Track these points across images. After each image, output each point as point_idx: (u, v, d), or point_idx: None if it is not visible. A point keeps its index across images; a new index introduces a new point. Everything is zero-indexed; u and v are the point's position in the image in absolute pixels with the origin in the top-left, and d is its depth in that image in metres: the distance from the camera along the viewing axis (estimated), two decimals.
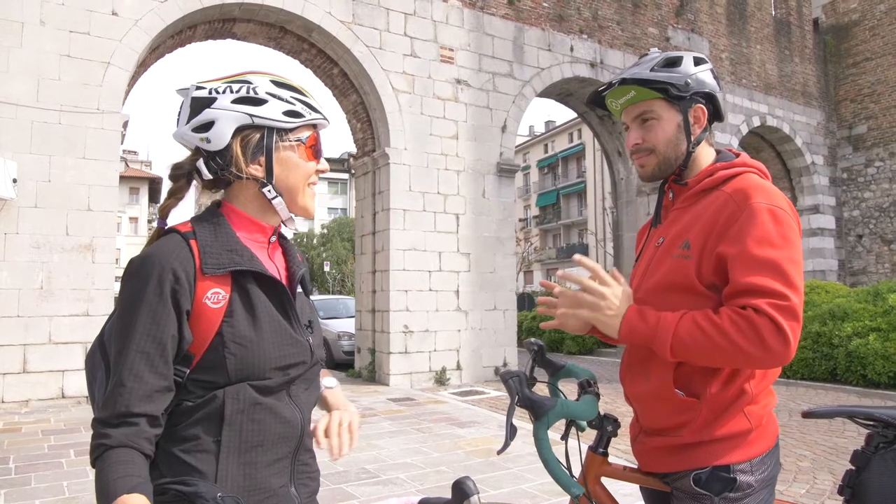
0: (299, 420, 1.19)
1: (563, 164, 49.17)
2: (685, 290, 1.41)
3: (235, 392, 1.11)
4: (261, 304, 1.15)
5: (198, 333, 1.10)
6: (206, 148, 1.17)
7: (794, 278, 1.31)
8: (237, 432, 1.11)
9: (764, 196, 1.38)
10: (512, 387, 1.36)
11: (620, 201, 14.22)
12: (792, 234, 1.34)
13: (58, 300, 7.49)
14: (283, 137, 1.20)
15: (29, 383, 7.27)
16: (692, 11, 14.09)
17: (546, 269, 49.63)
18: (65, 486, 4.39)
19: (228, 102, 1.16)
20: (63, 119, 7.67)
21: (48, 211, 7.54)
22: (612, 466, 1.51)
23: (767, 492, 1.40)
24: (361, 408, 7.69)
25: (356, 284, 11.07)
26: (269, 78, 1.21)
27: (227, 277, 1.13)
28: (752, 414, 1.40)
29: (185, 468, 1.08)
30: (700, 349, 1.31)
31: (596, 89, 1.62)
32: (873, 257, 16.56)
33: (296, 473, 1.20)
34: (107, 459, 0.99)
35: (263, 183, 1.19)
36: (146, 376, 1.04)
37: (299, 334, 1.20)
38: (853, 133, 17.04)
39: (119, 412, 1.02)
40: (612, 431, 1.48)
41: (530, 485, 4.47)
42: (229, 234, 1.17)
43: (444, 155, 10.38)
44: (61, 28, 7.74)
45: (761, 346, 1.27)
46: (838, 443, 6.02)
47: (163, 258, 1.09)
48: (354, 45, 9.73)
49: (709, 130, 1.56)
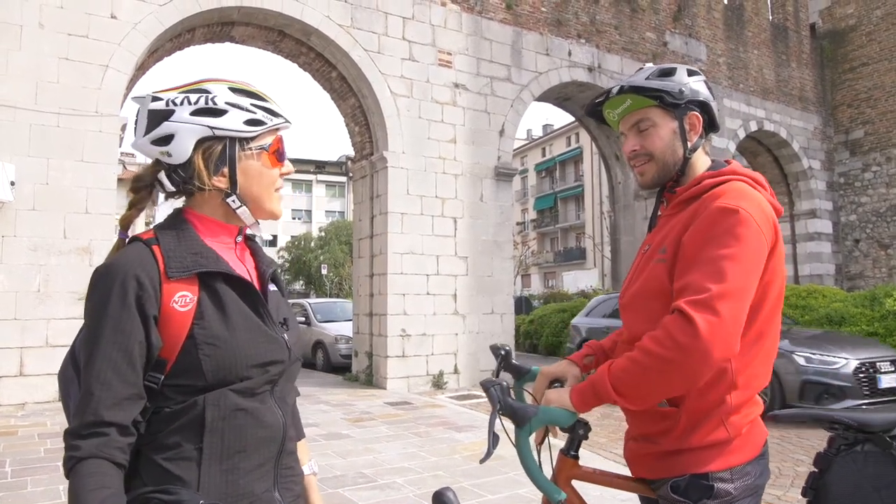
0: (281, 423, 1.18)
1: (561, 167, 49.26)
2: (660, 294, 1.43)
3: (216, 398, 1.09)
4: (231, 304, 1.14)
5: (168, 337, 1.08)
6: (167, 161, 1.15)
7: (726, 272, 1.28)
8: (219, 439, 1.09)
9: (731, 198, 1.38)
10: (493, 395, 1.36)
11: (618, 205, 14.25)
12: (745, 232, 1.32)
13: (55, 303, 7.48)
14: (244, 147, 1.18)
15: (25, 386, 7.25)
16: (690, 16, 14.13)
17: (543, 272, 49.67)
18: (61, 490, 4.38)
19: (187, 115, 1.13)
20: (61, 122, 7.66)
21: (46, 214, 7.53)
22: (582, 469, 1.52)
23: (750, 500, 1.39)
24: (359, 412, 7.68)
25: (354, 288, 11.07)
26: (226, 85, 1.19)
27: (193, 280, 1.12)
28: (732, 424, 1.39)
29: (167, 476, 1.07)
30: (636, 379, 1.30)
31: (593, 100, 1.64)
32: (870, 262, 16.60)
33: (279, 478, 1.18)
34: (78, 472, 0.98)
35: (228, 193, 1.18)
36: (114, 384, 1.03)
37: (274, 331, 1.18)
38: (850, 138, 17.09)
39: (88, 421, 1.01)
40: (584, 434, 1.48)
41: (527, 489, 4.47)
42: (193, 238, 1.16)
43: (442, 159, 10.40)
44: (60, 31, 7.74)
45: (674, 346, 1.25)
46: None
47: (125, 266, 1.08)
48: (353, 49, 9.75)
49: (705, 139, 1.58)
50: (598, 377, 1.36)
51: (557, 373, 1.66)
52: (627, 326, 1.56)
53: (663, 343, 1.27)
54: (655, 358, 1.28)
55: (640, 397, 1.34)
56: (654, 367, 1.28)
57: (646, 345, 1.30)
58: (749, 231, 1.33)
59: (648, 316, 1.45)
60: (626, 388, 1.32)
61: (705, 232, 1.35)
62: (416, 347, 9.85)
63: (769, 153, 16.43)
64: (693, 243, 1.36)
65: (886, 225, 16.31)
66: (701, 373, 1.28)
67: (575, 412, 1.39)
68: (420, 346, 9.88)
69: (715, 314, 1.25)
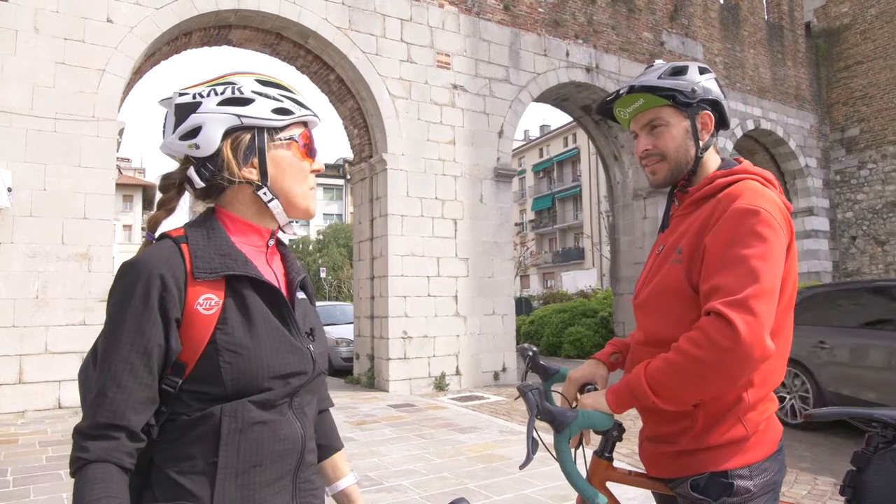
0: (300, 436, 1.13)
1: (559, 168, 49.30)
2: (677, 295, 1.43)
3: (233, 410, 1.05)
4: (257, 311, 1.10)
5: (190, 341, 1.05)
6: (195, 155, 1.13)
7: (758, 273, 1.29)
8: (234, 452, 1.05)
9: (748, 198, 1.38)
10: (531, 400, 1.34)
11: (617, 205, 14.24)
12: (768, 232, 1.33)
13: (53, 310, 7.43)
14: (274, 137, 1.15)
15: (25, 394, 7.20)
16: (686, 16, 14.15)
17: (542, 273, 49.68)
18: (64, 497, 4.34)
19: (214, 105, 1.11)
20: (58, 127, 7.62)
21: (43, 220, 7.48)
22: (617, 471, 1.52)
23: (769, 496, 1.40)
24: (361, 414, 7.65)
25: (354, 290, 11.04)
26: (253, 77, 1.17)
27: (220, 283, 1.08)
28: (750, 421, 1.40)
29: (180, 492, 1.03)
30: (674, 380, 1.30)
31: (604, 99, 1.63)
32: (867, 258, 16.63)
33: (298, 492, 1.14)
34: (85, 475, 0.96)
35: (258, 186, 1.14)
36: (129, 387, 1.00)
37: (299, 342, 1.14)
38: (846, 136, 17.13)
39: (100, 423, 0.98)
40: (618, 436, 1.49)
41: (533, 489, 4.45)
42: (223, 239, 1.12)
43: (442, 160, 10.38)
44: (56, 35, 7.70)
45: (713, 348, 1.25)
46: (838, 443, 6.02)
47: (151, 264, 1.05)
48: (351, 51, 9.73)
49: (716, 137, 1.58)
50: (635, 378, 1.36)
51: (587, 376, 1.66)
52: (642, 327, 1.56)
53: (702, 345, 1.26)
54: (694, 360, 1.27)
55: (677, 398, 1.34)
56: (692, 369, 1.28)
57: (683, 347, 1.30)
58: (771, 231, 1.34)
59: (665, 316, 1.46)
60: (664, 389, 1.32)
61: (729, 233, 1.35)
62: (418, 349, 9.82)
63: (766, 151, 16.47)
64: (717, 245, 1.36)
65: (882, 222, 16.36)
66: (742, 374, 1.27)
67: (612, 414, 1.39)
68: (422, 348, 9.85)
69: (752, 315, 1.25)
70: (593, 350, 14.56)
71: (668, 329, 1.43)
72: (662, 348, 1.38)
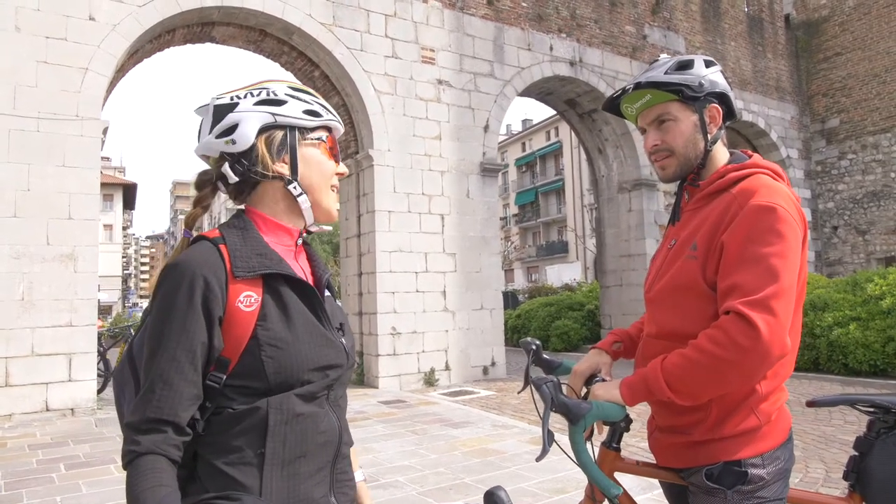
0: (337, 427, 1.19)
1: (541, 162, 49.42)
2: (691, 291, 1.44)
3: (279, 402, 1.10)
4: (293, 307, 1.16)
5: (232, 337, 1.10)
6: (231, 150, 1.19)
7: (778, 271, 1.31)
8: (281, 443, 1.10)
9: (764, 195, 1.39)
10: (546, 392, 1.37)
11: (602, 198, 14.33)
12: (785, 229, 1.35)
13: (40, 311, 7.34)
14: (304, 136, 1.23)
15: (11, 397, 7.11)
16: (668, 9, 14.25)
17: (526, 267, 49.85)
18: (58, 500, 4.31)
19: (251, 105, 1.19)
20: (41, 126, 7.52)
21: (28, 220, 7.38)
22: (625, 461, 1.55)
23: (781, 483, 1.44)
24: (353, 411, 7.65)
25: (342, 287, 11.02)
26: (286, 84, 1.26)
27: (258, 281, 1.14)
28: (762, 411, 1.43)
29: (229, 482, 1.07)
30: (690, 376, 1.33)
31: (611, 95, 1.64)
32: (849, 248, 16.90)
33: (335, 483, 1.19)
34: (137, 467, 1.00)
35: (289, 180, 1.21)
36: (176, 384, 1.05)
37: (333, 335, 1.20)
38: (826, 127, 17.37)
39: (148, 417, 1.03)
40: (626, 427, 1.52)
41: (529, 483, 4.49)
42: (257, 239, 1.18)
43: (428, 156, 10.38)
44: (37, 34, 7.59)
45: (734, 348, 1.27)
46: (826, 431, 6.14)
47: (194, 265, 1.10)
48: (335, 48, 9.69)
49: (724, 130, 1.59)
50: (651, 373, 1.38)
51: (592, 366, 1.68)
52: (654, 321, 1.57)
53: (722, 344, 1.29)
54: (713, 357, 1.30)
55: (694, 394, 1.36)
56: (711, 366, 1.30)
57: (703, 345, 1.32)
58: (788, 228, 1.36)
59: (678, 311, 1.47)
60: (682, 385, 1.34)
61: (746, 230, 1.37)
62: (407, 345, 9.83)
63: (748, 143, 16.64)
64: (735, 242, 1.37)
65: (863, 211, 16.62)
66: (760, 372, 1.31)
67: (625, 406, 1.41)
68: (411, 344, 9.87)
69: (772, 314, 1.28)
70: (581, 343, 14.67)
71: (682, 324, 1.45)
72: (676, 342, 1.41)
